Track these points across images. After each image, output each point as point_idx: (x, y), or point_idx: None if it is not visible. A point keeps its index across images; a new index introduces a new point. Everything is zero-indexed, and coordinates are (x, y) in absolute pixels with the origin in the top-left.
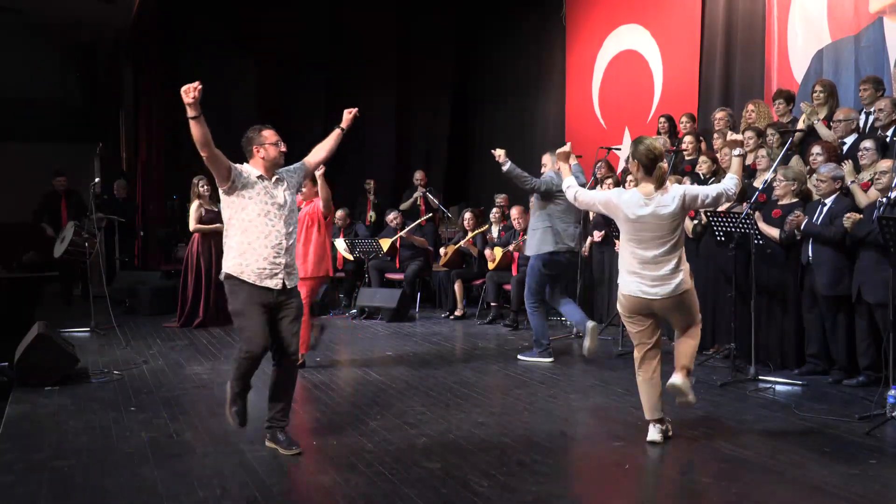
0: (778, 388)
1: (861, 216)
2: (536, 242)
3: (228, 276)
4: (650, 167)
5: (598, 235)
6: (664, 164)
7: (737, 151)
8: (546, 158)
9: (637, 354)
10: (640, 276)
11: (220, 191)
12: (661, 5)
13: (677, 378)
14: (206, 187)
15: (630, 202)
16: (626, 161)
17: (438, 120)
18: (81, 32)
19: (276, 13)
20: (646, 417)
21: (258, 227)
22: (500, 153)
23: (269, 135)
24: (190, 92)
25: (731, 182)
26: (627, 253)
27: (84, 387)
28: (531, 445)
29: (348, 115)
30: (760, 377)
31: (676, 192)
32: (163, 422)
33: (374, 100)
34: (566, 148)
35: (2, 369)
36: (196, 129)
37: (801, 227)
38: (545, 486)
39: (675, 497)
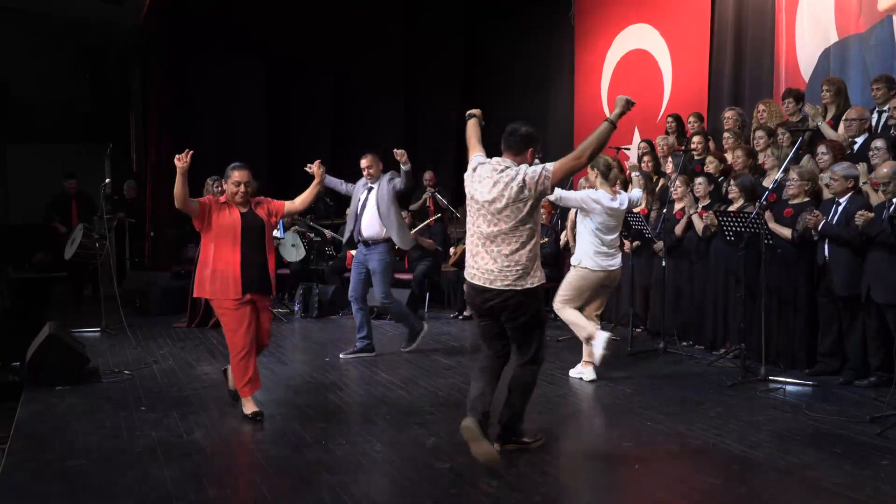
0: (788, 388)
1: (873, 214)
2: (405, 238)
3: (538, 288)
4: (607, 173)
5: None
6: (616, 171)
7: (636, 174)
8: (370, 161)
9: (590, 311)
10: (604, 255)
11: (538, 197)
12: (671, 5)
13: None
14: (219, 188)
15: (605, 197)
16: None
17: (447, 120)
18: (90, 34)
19: (284, 13)
20: (590, 334)
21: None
22: (400, 152)
23: None
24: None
25: (637, 193)
26: (595, 238)
27: (95, 387)
28: (540, 446)
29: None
30: (771, 377)
31: (624, 195)
32: (173, 421)
33: (381, 100)
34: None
35: (13, 369)
36: (607, 135)
37: (819, 228)
38: (554, 487)
39: (684, 497)
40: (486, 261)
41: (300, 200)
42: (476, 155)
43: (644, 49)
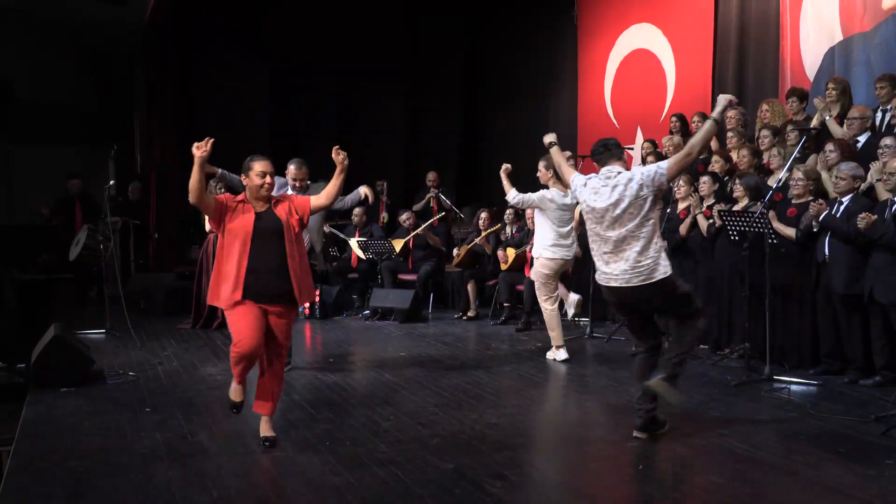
0: (793, 388)
1: (875, 217)
2: (317, 253)
3: (669, 276)
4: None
5: None
6: None
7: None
8: (305, 172)
9: (556, 301)
10: (560, 246)
11: (655, 193)
12: (674, 4)
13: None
14: (222, 189)
15: (558, 195)
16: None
17: (450, 120)
18: (94, 35)
19: (288, 16)
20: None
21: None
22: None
23: None
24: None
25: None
26: (552, 231)
27: (99, 388)
28: (544, 446)
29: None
30: (775, 377)
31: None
32: (177, 423)
33: (385, 101)
34: (506, 167)
35: (19, 370)
36: (713, 132)
37: (820, 219)
38: (557, 487)
39: (688, 497)
40: (618, 263)
41: (325, 195)
42: (574, 175)
43: (647, 49)
